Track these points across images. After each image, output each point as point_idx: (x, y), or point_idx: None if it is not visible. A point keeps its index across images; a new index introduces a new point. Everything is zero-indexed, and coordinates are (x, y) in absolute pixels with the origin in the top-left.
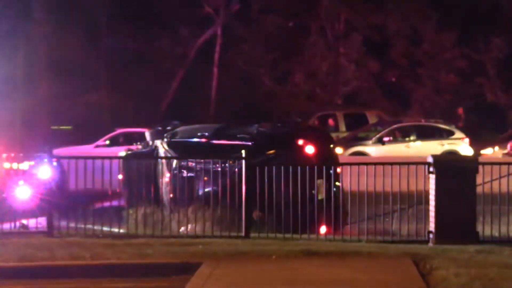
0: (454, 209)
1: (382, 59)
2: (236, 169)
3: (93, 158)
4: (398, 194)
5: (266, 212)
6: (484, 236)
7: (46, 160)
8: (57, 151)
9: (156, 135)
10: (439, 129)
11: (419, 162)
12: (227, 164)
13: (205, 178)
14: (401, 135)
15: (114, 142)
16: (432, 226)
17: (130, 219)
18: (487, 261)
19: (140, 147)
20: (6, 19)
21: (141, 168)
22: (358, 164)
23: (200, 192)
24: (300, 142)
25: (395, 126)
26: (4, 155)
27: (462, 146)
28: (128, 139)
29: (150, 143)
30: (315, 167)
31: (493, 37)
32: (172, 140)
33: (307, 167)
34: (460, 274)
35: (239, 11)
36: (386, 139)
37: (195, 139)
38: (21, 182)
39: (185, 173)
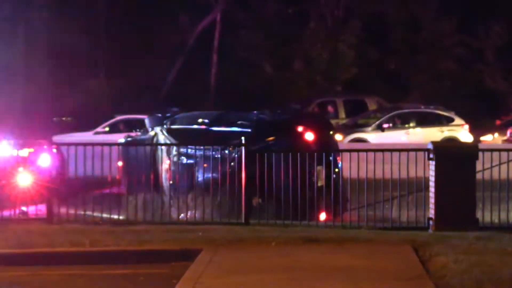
0: (454, 196)
1: (382, 45)
2: (236, 156)
3: (93, 145)
4: (398, 181)
5: (266, 199)
6: (484, 223)
7: (45, 147)
8: (56, 138)
9: (156, 122)
10: (438, 116)
11: (419, 149)
12: (226, 151)
13: (205, 165)
14: (400, 121)
15: (114, 129)
16: (432, 213)
17: (130, 206)
18: (486, 248)
19: (139, 134)
20: (6, 5)
21: (141, 155)
22: (358, 150)
23: (200, 179)
24: (300, 129)
25: (394, 112)
26: (4, 142)
27: (462, 132)
28: (128, 126)
29: (150, 130)
30: (315, 153)
31: (492, 24)
32: (172, 127)
33: (307, 153)
34: (460, 260)
35: None
36: (385, 125)
37: (195, 126)
38: (20, 169)
39: (184, 160)
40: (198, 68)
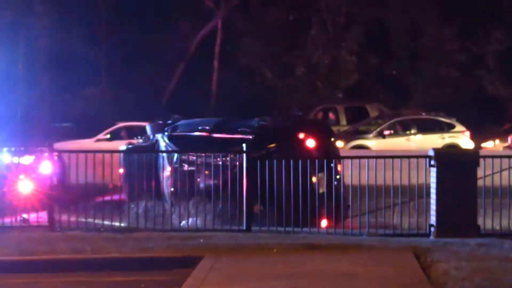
0: (455, 203)
1: (383, 52)
2: (237, 163)
3: (94, 152)
4: (399, 188)
5: (267, 206)
6: (485, 230)
7: (46, 154)
8: (57, 145)
9: (157, 129)
10: (439, 122)
11: (420, 156)
12: (228, 158)
13: (206, 172)
14: (401, 128)
15: (115, 136)
16: (433, 220)
17: (131, 213)
18: (488, 254)
19: (141, 141)
20: (7, 12)
21: (142, 162)
22: (359, 157)
23: (201, 186)
24: (301, 135)
25: (395, 119)
26: (5, 149)
27: (463, 139)
28: (129, 133)
29: (151, 137)
30: (316, 160)
31: (493, 30)
32: (173, 133)
33: (308, 160)
34: (461, 267)
35: (240, 4)
36: (386, 132)
37: (196, 133)
38: (22, 176)
39: (186, 167)
40: (199, 75)
